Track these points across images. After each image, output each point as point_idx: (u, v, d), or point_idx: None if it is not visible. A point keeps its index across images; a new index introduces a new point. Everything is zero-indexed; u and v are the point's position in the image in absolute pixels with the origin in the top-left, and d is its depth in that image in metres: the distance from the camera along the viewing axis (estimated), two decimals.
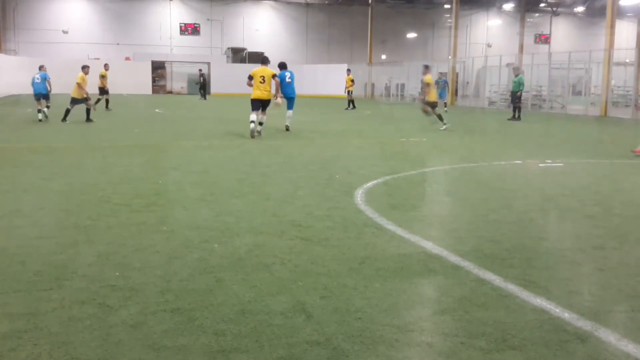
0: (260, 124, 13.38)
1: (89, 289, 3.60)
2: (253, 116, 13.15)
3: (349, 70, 30.26)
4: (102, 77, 22.37)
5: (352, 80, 28.21)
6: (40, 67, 18.71)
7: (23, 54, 43.23)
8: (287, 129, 14.49)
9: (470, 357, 2.80)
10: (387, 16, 50.84)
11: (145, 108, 25.61)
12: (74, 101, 16.69)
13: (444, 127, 15.57)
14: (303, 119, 19.81)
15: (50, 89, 18.02)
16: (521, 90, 21.89)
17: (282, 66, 14.76)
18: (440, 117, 15.81)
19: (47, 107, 17.73)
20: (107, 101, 22.45)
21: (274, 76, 13.47)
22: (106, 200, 6.22)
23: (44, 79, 17.83)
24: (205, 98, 35.18)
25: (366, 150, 11.44)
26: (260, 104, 13.32)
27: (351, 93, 27.64)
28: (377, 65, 46.34)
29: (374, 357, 2.78)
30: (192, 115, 21.84)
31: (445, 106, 26.91)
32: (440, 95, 26.71)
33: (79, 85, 16.48)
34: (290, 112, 14.74)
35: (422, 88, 16.56)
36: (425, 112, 16.16)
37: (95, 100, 20.75)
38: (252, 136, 12.82)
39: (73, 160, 9.31)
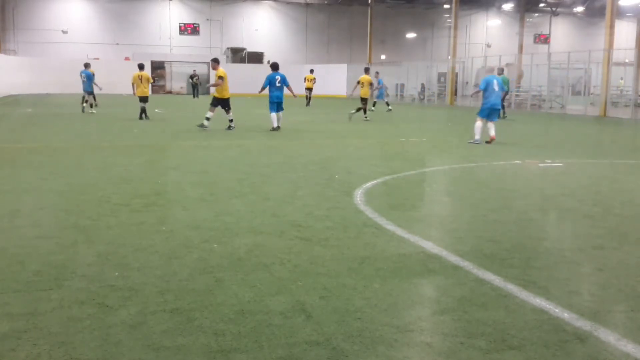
0: (231, 120, 14.96)
1: (88, 289, 3.60)
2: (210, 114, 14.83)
3: (312, 70, 31.38)
4: None
5: (313, 80, 30.51)
6: (86, 66, 21.00)
7: (23, 54, 43.23)
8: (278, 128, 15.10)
9: (469, 357, 2.80)
10: (387, 16, 50.84)
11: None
12: (143, 99, 18.11)
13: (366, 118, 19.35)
14: (303, 119, 19.81)
15: (100, 87, 20.90)
16: (505, 90, 22.39)
17: (273, 67, 15.34)
18: (362, 110, 19.61)
19: (86, 101, 20.59)
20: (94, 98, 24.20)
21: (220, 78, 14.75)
22: (106, 200, 6.22)
23: (88, 77, 20.43)
24: (196, 97, 36.87)
25: (366, 150, 11.44)
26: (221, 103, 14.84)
27: (311, 90, 30.14)
28: (376, 65, 46.32)
29: (373, 357, 2.78)
30: (192, 115, 21.80)
31: (374, 105, 27.23)
32: (378, 96, 27.17)
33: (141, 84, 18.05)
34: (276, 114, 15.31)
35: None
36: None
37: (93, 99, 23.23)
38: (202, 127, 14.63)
39: (73, 160, 9.31)
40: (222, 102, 14.80)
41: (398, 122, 20.39)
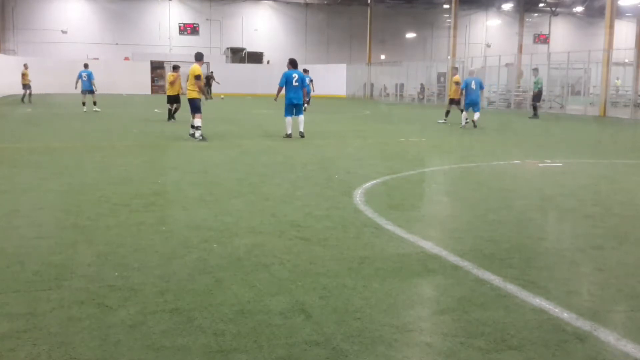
0: (193, 127, 12.63)
1: (88, 289, 3.60)
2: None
3: (306, 70, 31.37)
4: (24, 75, 26.68)
5: (311, 80, 30.34)
6: (86, 66, 22.04)
7: (22, 54, 43.20)
8: (302, 135, 13.19)
9: (469, 357, 2.80)
10: (386, 16, 50.85)
11: (144, 108, 25.58)
12: (170, 100, 17.86)
13: (442, 121, 18.99)
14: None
15: (96, 88, 21.51)
16: (538, 89, 23.68)
17: (293, 64, 13.31)
18: (447, 113, 19.27)
19: (94, 102, 21.31)
20: (29, 95, 26.83)
21: (197, 76, 12.34)
22: (105, 200, 6.21)
23: (90, 76, 21.17)
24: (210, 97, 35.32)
25: (365, 150, 11.44)
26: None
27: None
28: (376, 65, 46.35)
29: (373, 357, 2.78)
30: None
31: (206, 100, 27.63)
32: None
33: (172, 85, 17.76)
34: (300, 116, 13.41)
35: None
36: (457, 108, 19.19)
37: (22, 95, 26.19)
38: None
39: (72, 161, 9.31)
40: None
41: (398, 122, 20.39)
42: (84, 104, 21.41)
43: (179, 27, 48.04)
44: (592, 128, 19.58)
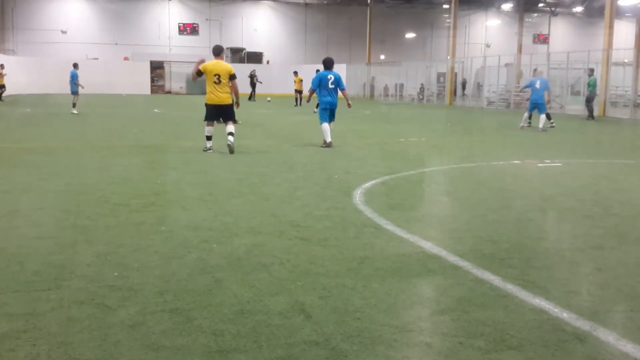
0: (231, 134, 10.21)
1: (87, 289, 3.60)
2: (209, 130, 10.40)
3: (295, 72, 31.71)
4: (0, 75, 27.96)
5: (301, 81, 30.54)
6: (75, 65, 21.22)
7: (22, 54, 43.22)
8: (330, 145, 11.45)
9: (468, 357, 2.80)
10: (386, 16, 50.85)
11: (144, 108, 25.59)
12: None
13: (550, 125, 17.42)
14: (301, 119, 19.82)
15: (76, 87, 20.42)
16: (593, 91, 22.83)
17: (327, 64, 11.85)
18: (548, 116, 17.34)
19: (74, 104, 20.37)
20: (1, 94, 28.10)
21: (232, 77, 10.27)
22: (105, 200, 6.21)
23: (73, 77, 20.53)
24: (252, 99, 33.28)
25: (365, 150, 11.44)
26: (218, 113, 10.44)
27: (301, 92, 30.08)
28: (376, 66, 46.35)
29: (372, 357, 2.78)
30: (191, 115, 21.81)
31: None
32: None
33: None
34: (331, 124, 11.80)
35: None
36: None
37: None
38: (206, 150, 10.39)
39: (72, 161, 9.31)
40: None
41: (398, 122, 20.40)
42: (74, 105, 20.48)
43: (179, 27, 48.06)
44: (591, 128, 19.58)
